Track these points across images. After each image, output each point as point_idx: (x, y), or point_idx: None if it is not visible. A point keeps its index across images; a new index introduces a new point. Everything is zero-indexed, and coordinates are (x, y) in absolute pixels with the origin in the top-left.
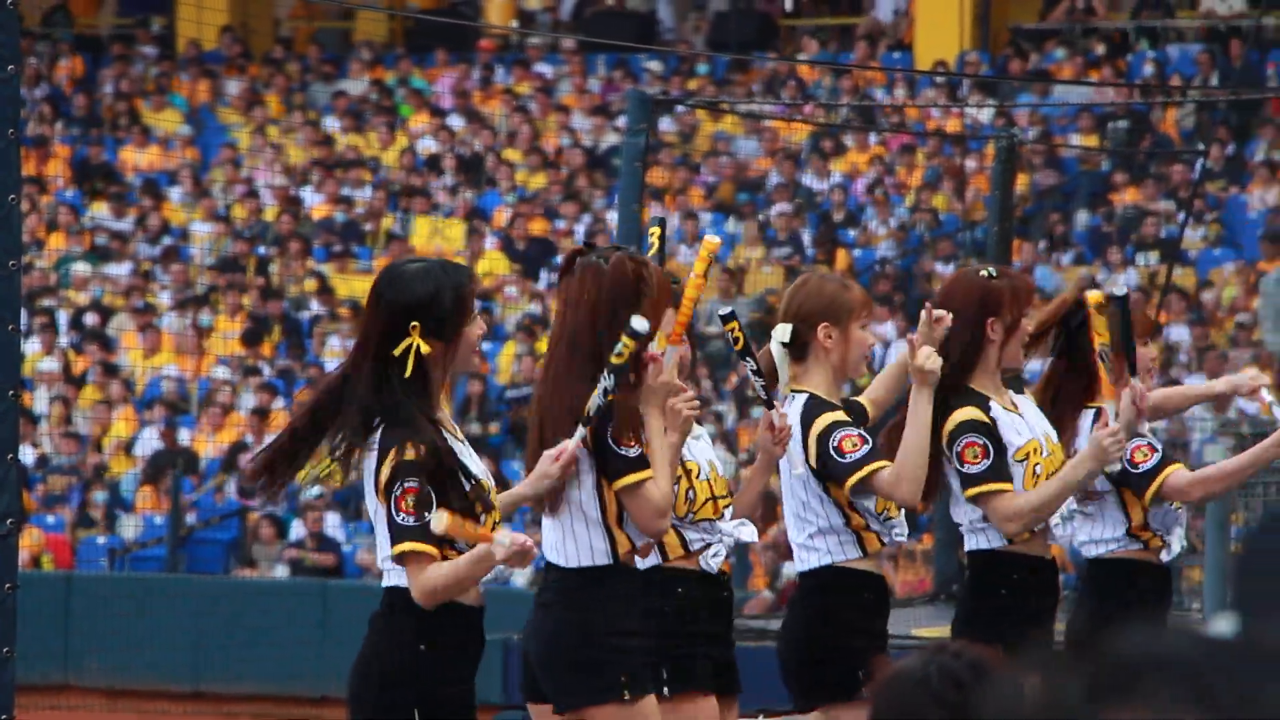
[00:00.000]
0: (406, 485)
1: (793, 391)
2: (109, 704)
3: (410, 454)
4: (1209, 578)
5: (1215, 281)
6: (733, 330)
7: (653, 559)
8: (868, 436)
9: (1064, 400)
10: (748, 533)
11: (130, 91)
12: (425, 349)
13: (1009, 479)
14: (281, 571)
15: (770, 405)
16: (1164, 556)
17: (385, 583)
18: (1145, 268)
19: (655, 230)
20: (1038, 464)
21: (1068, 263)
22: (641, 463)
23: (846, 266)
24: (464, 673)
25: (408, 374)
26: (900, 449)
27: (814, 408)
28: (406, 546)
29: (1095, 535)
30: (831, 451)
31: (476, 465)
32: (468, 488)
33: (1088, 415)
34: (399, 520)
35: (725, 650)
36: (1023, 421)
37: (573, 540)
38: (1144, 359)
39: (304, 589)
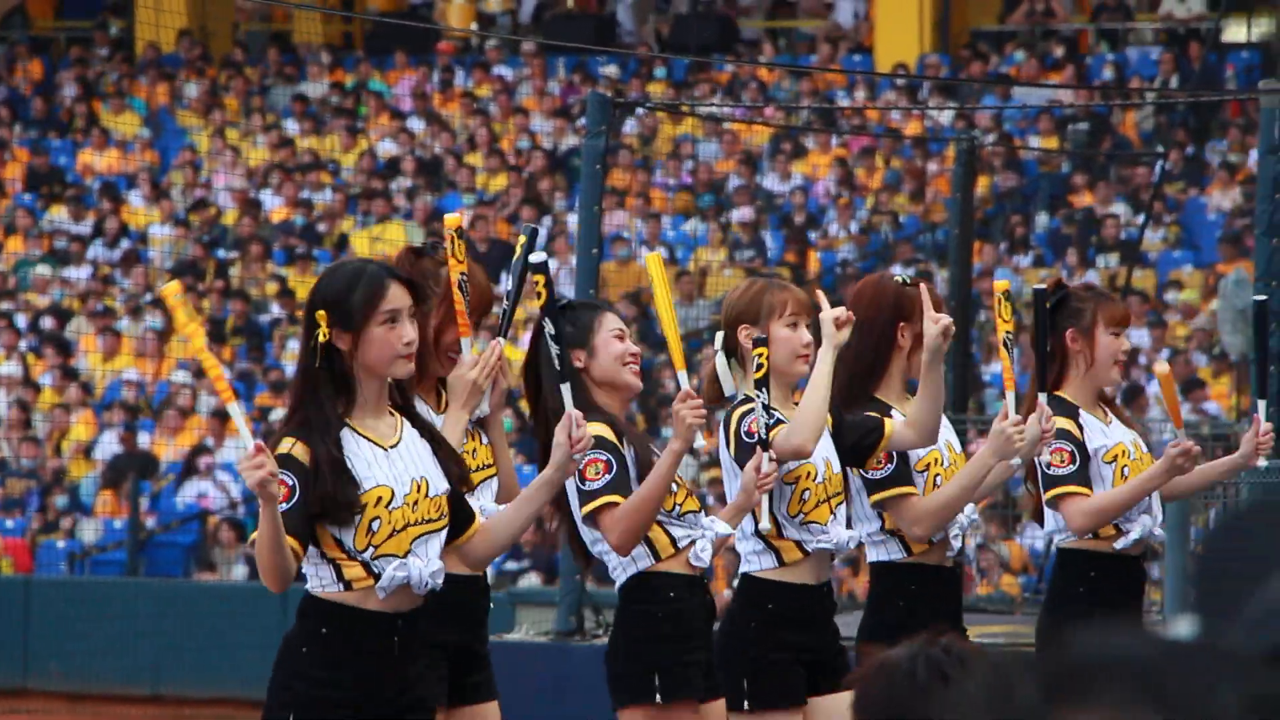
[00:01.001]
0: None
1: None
2: (70, 707)
3: (287, 449)
4: (1169, 579)
5: (1179, 283)
6: (760, 356)
7: (645, 560)
8: (782, 419)
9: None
10: (724, 526)
11: (88, 94)
12: (323, 336)
13: (913, 483)
14: (241, 574)
15: (765, 446)
16: (1118, 545)
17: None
18: (1105, 269)
19: (521, 239)
20: (938, 474)
21: (1027, 265)
22: None
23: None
24: (350, 678)
25: (316, 363)
26: (799, 407)
27: (737, 405)
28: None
29: (1051, 525)
30: (743, 435)
31: (390, 472)
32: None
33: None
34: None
35: (710, 654)
36: None
37: None
38: (1115, 350)
39: (263, 592)
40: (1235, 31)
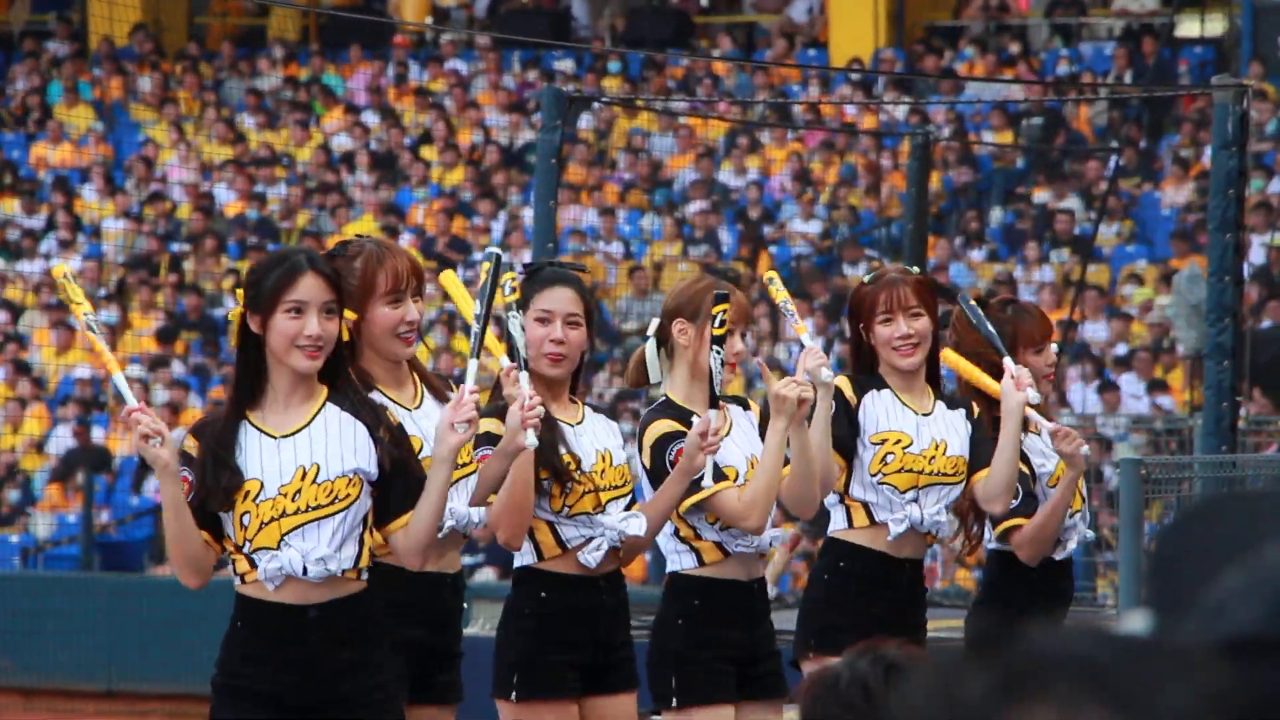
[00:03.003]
0: (181, 475)
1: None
2: (23, 703)
3: (186, 444)
4: (1124, 574)
5: (1138, 277)
6: (723, 313)
7: (528, 557)
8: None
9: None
10: (635, 525)
11: (42, 87)
12: (235, 315)
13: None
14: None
15: (715, 404)
16: (1058, 556)
17: None
18: (1059, 265)
19: (486, 265)
20: (890, 452)
21: (981, 259)
22: None
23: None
24: (265, 671)
25: (233, 343)
26: (754, 476)
27: (655, 411)
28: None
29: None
30: (667, 464)
31: (272, 463)
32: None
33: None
34: None
35: (597, 653)
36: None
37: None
38: (1038, 367)
39: (218, 587)
40: (1189, 27)
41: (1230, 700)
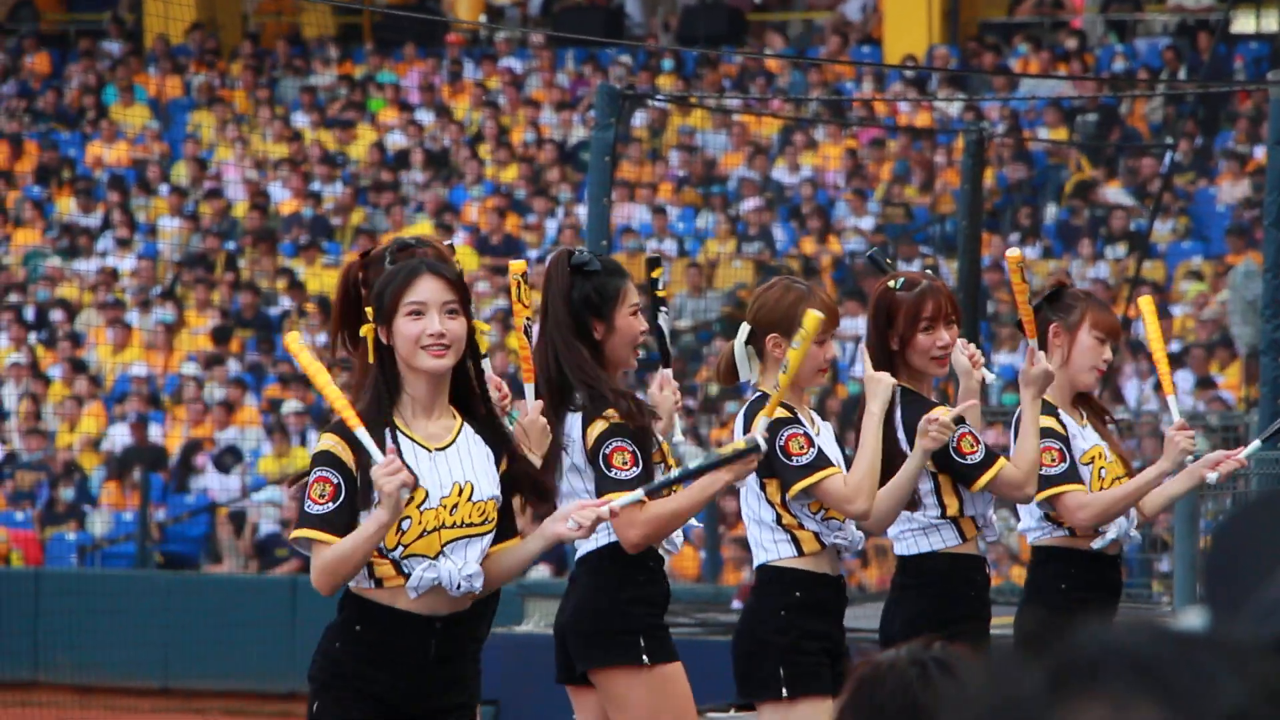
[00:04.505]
0: (316, 474)
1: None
2: (79, 700)
3: (320, 445)
4: (1179, 571)
5: (1198, 273)
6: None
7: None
8: (814, 439)
9: None
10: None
11: (97, 86)
12: (366, 330)
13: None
14: (250, 566)
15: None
16: (1095, 545)
17: None
18: (1115, 261)
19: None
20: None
21: (1035, 256)
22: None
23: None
24: (382, 678)
25: (370, 358)
26: (856, 461)
27: (758, 401)
28: (302, 533)
29: (1027, 522)
30: (778, 450)
31: (430, 473)
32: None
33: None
34: (304, 507)
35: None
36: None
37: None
38: (1095, 355)
39: (273, 585)
40: (1244, 23)
41: None
